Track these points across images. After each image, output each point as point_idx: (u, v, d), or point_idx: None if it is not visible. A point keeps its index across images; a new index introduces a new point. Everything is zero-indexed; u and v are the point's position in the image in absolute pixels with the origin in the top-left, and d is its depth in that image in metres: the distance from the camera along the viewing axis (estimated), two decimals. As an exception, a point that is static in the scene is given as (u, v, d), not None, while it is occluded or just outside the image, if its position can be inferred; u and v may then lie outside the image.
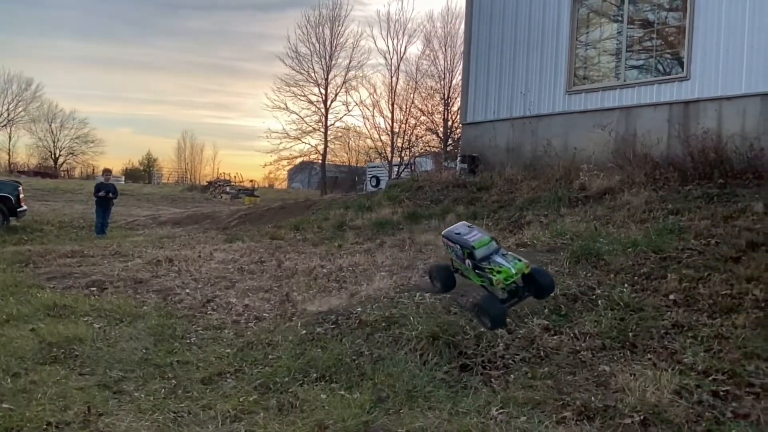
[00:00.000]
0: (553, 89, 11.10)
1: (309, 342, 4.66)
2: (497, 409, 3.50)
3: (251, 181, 42.95)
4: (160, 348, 4.82)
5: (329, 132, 38.20)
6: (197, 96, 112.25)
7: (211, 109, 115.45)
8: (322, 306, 5.52)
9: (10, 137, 59.66)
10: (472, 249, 3.96)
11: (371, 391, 3.78)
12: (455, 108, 31.63)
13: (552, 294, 4.35)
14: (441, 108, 34.03)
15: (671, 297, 4.96)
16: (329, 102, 37.74)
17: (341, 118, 38.89)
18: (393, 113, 36.39)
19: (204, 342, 4.99)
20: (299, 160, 40.58)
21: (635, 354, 4.20)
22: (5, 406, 3.65)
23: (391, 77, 36.80)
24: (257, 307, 5.83)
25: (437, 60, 34.47)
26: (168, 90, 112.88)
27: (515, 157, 11.48)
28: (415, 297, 5.12)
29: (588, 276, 5.51)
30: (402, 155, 35.25)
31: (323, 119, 37.80)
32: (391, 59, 36.96)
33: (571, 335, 4.46)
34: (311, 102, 37.63)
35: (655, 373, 3.74)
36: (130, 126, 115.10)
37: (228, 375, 4.26)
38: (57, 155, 62.88)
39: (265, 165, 40.95)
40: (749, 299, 4.71)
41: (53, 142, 62.25)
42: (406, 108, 35.76)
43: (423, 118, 34.99)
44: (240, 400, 3.81)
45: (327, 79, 37.53)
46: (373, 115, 37.86)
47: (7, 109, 59.04)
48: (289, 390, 3.92)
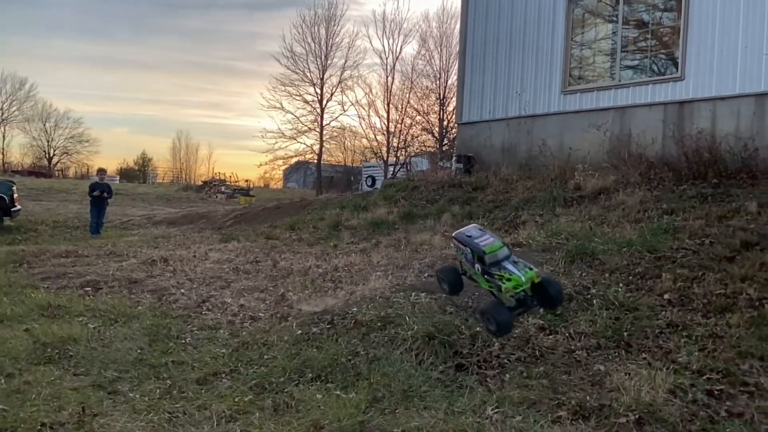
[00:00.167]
0: (549, 89, 11.12)
1: (304, 342, 4.65)
2: (493, 409, 3.50)
3: (246, 181, 43.05)
4: (155, 348, 4.80)
5: (325, 132, 38.23)
6: (192, 95, 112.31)
7: (207, 109, 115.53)
8: (317, 306, 5.51)
9: (4, 137, 59.65)
10: (482, 254, 3.90)
11: (367, 391, 3.78)
12: (451, 108, 31.68)
13: (561, 305, 4.27)
14: (436, 108, 34.11)
15: (666, 296, 4.97)
16: (325, 101, 37.76)
17: (337, 117, 38.94)
18: (389, 113, 36.42)
19: (199, 342, 4.98)
20: (295, 159, 40.56)
21: (630, 353, 4.22)
22: (-1, 406, 3.63)
23: (387, 77, 36.84)
24: (252, 307, 5.82)
25: (433, 60, 34.55)
26: (163, 89, 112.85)
27: (511, 157, 11.50)
28: (411, 297, 5.12)
29: (583, 275, 5.53)
30: (398, 155, 35.27)
31: (319, 119, 37.81)
32: (387, 59, 36.99)
33: (567, 335, 4.47)
34: (307, 101, 37.64)
35: (650, 373, 3.75)
36: (124, 126, 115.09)
37: (223, 375, 4.25)
38: (51, 155, 62.75)
39: (261, 165, 40.95)
40: (743, 298, 4.73)
41: (47, 141, 62.17)
42: (401, 108, 35.81)
43: (418, 117, 35.05)
44: (235, 400, 3.80)
45: (322, 79, 37.55)
46: (369, 115, 37.95)
47: (1, 109, 58.98)
48: (285, 390, 3.92)
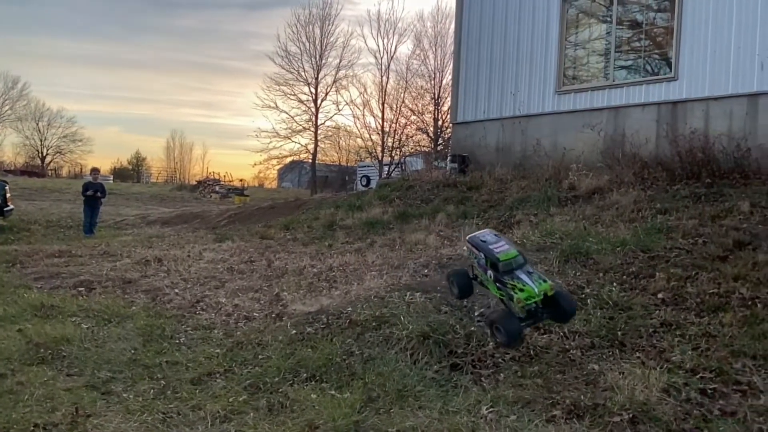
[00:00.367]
0: (543, 89, 11.15)
1: (299, 342, 4.65)
2: (487, 408, 3.51)
3: (241, 181, 42.90)
4: (149, 348, 4.79)
5: (319, 131, 38.22)
6: (186, 95, 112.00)
7: (200, 108, 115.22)
8: (312, 306, 5.50)
9: (-4, 136, 59.20)
10: (496, 260, 3.85)
11: (362, 391, 3.78)
12: (445, 107, 31.70)
13: (573, 319, 4.24)
14: (431, 107, 34.13)
15: (659, 296, 4.99)
16: (319, 101, 37.78)
17: (331, 117, 39.02)
18: (383, 112, 36.46)
19: (193, 342, 4.96)
20: (289, 159, 40.50)
21: (624, 352, 4.23)
22: (-9, 407, 3.61)
23: (382, 76, 36.87)
24: (247, 307, 5.81)
25: (427, 59, 34.59)
26: (156, 88, 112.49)
27: (505, 157, 11.52)
28: (406, 296, 5.13)
29: (577, 275, 5.54)
30: (392, 155, 35.27)
31: (313, 118, 37.83)
32: (382, 59, 37.04)
33: (561, 334, 4.48)
34: (301, 101, 37.66)
35: (644, 372, 3.77)
36: (118, 125, 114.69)
37: (217, 375, 4.24)
38: (44, 154, 62.49)
39: (255, 164, 40.91)
40: (736, 298, 4.75)
41: (40, 140, 61.89)
42: (396, 107, 35.83)
43: (413, 117, 35.07)
44: (230, 400, 3.79)
45: (317, 78, 37.57)
46: (364, 115, 37.93)
47: (-7, 108, 58.59)
48: (279, 390, 3.91)
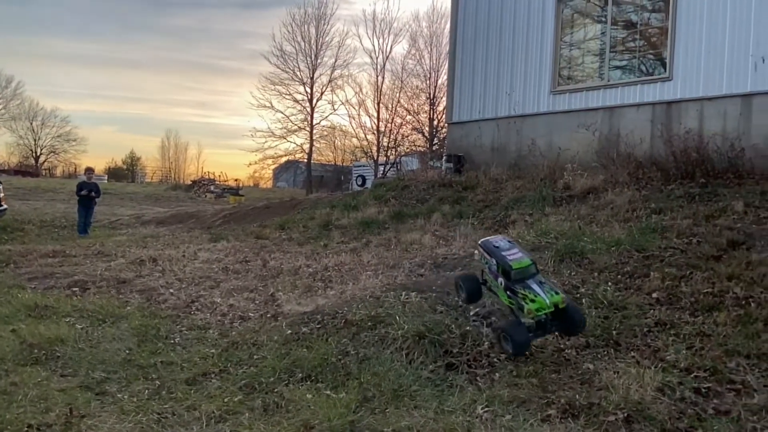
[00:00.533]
0: (538, 89, 11.17)
1: (294, 342, 4.64)
2: (483, 408, 3.51)
3: (236, 180, 42.82)
4: (143, 348, 4.77)
5: (315, 131, 38.18)
6: (181, 94, 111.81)
7: (195, 108, 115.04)
8: (307, 305, 5.49)
9: (-10, 135, 58.94)
10: (509, 268, 3.80)
11: (357, 391, 3.77)
12: (441, 107, 31.72)
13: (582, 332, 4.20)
14: (427, 107, 34.16)
15: (654, 295, 5.01)
16: (315, 101, 37.72)
17: (327, 117, 39.05)
18: (379, 112, 36.42)
19: (188, 342, 4.95)
20: (284, 159, 40.46)
21: (619, 352, 4.24)
22: (-15, 408, 3.59)
23: (377, 76, 36.83)
24: (242, 307, 5.80)
25: (423, 59, 34.59)
26: (151, 88, 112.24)
27: (500, 157, 11.54)
28: (401, 296, 5.12)
29: (572, 275, 5.55)
30: (388, 154, 35.27)
31: (309, 118, 37.76)
32: (377, 58, 36.99)
33: (556, 333, 4.48)
34: (297, 101, 37.58)
35: (639, 371, 3.77)
36: (112, 124, 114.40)
37: (212, 375, 4.22)
38: (38, 154, 62.21)
39: (250, 164, 41.03)
40: (730, 297, 4.77)
41: (34, 140, 61.62)
42: (392, 107, 35.81)
43: (409, 117, 35.08)
44: (225, 400, 3.78)
45: (312, 78, 37.51)
46: (359, 114, 37.97)
47: (-13, 107, 58.29)
48: (275, 390, 3.90)
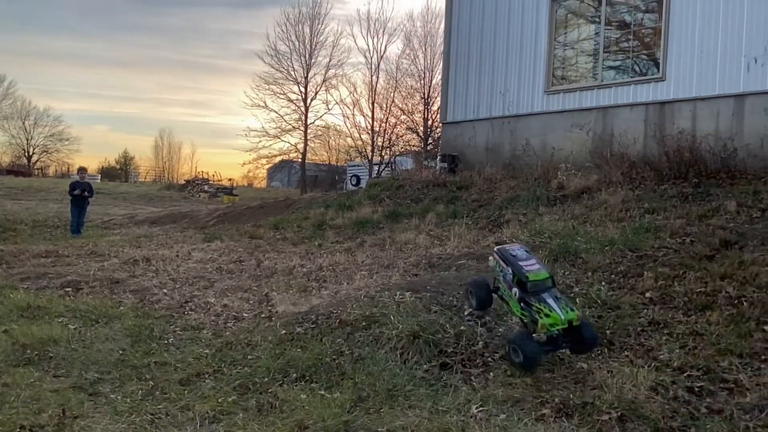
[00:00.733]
0: (532, 89, 11.19)
1: (288, 342, 4.63)
2: (477, 407, 3.51)
3: (230, 180, 42.71)
4: (137, 349, 4.75)
5: (309, 130, 38.08)
6: (174, 93, 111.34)
7: (189, 107, 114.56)
8: (301, 305, 5.49)
9: (-18, 135, 58.56)
10: (525, 279, 3.75)
11: (351, 391, 3.77)
12: (435, 107, 31.72)
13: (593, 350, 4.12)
14: (421, 107, 34.12)
15: (647, 295, 5.03)
16: (309, 100, 37.63)
17: (321, 116, 38.82)
18: (373, 112, 36.38)
19: (182, 342, 4.93)
20: (279, 158, 40.36)
21: (612, 351, 4.26)
22: (-23, 409, 3.56)
23: (372, 76, 36.78)
24: (236, 307, 5.79)
25: (417, 59, 34.55)
26: (145, 87, 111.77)
27: (495, 157, 11.56)
28: (396, 296, 5.11)
29: (566, 274, 5.57)
30: (382, 154, 35.24)
31: (303, 118, 37.67)
32: (371, 58, 36.94)
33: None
34: (291, 100, 37.49)
35: (632, 370, 3.80)
36: (105, 124, 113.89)
37: (206, 376, 4.21)
38: (31, 153, 61.81)
39: (244, 164, 40.79)
40: (723, 296, 4.79)
41: (27, 139, 61.23)
42: (386, 107, 35.76)
43: (403, 117, 35.05)
44: (219, 400, 3.77)
45: (307, 78, 37.43)
46: (354, 114, 37.74)
47: (-21, 106, 57.91)
48: (269, 390, 3.90)
